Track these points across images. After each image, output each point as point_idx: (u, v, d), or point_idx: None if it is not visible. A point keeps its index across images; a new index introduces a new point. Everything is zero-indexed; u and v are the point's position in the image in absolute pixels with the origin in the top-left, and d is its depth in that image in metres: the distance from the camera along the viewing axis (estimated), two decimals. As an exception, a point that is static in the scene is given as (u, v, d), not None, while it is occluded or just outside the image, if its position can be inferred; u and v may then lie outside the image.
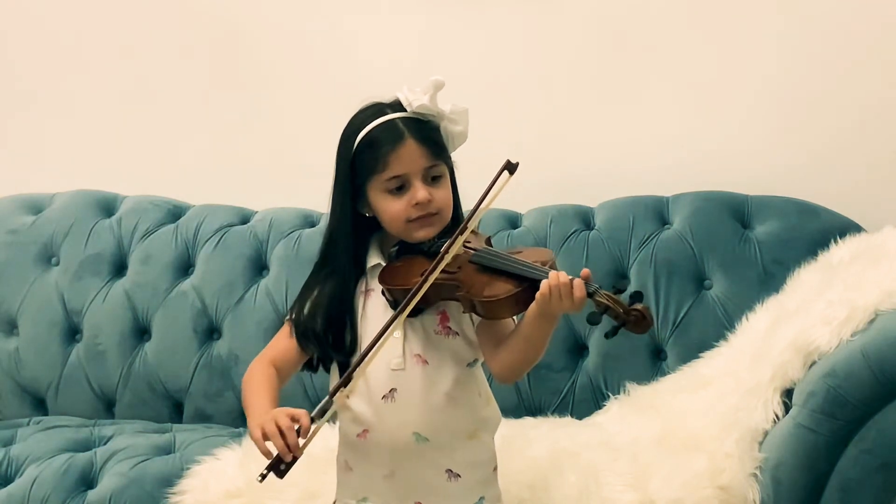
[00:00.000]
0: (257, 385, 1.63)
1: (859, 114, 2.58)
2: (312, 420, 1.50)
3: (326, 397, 1.54)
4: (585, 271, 1.49)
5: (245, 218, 2.67)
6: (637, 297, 1.46)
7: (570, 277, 1.47)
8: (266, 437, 1.48)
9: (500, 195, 1.58)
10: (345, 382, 1.55)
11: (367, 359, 1.55)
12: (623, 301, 1.46)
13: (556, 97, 2.69)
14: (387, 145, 1.60)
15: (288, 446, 1.47)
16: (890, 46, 2.55)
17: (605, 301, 1.46)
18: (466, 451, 1.66)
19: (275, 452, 1.48)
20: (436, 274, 1.55)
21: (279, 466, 1.49)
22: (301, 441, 1.48)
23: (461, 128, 1.65)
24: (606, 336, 1.48)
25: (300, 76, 2.77)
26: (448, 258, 1.56)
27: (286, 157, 2.74)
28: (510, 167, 1.58)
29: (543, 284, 1.47)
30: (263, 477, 1.49)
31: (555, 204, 2.60)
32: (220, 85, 2.80)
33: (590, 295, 1.47)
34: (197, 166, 2.81)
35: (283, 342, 1.69)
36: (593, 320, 1.47)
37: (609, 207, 2.57)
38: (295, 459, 1.49)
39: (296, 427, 1.48)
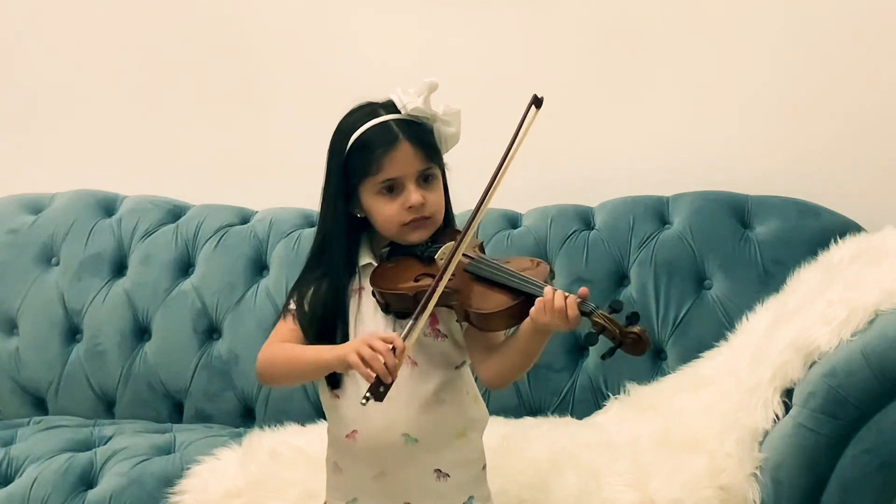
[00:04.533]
0: (289, 346, 1.62)
1: (859, 114, 2.58)
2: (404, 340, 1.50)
3: (410, 320, 1.52)
4: (583, 290, 1.48)
5: (245, 218, 2.67)
6: (634, 318, 1.45)
7: (566, 295, 1.46)
8: (365, 362, 1.47)
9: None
10: (422, 309, 1.53)
11: (428, 302, 1.52)
12: (620, 322, 1.45)
13: (556, 97, 2.66)
14: (381, 147, 1.59)
15: (388, 367, 1.46)
16: (890, 46, 2.55)
17: (602, 322, 1.45)
18: (455, 450, 1.66)
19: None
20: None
21: (379, 389, 1.47)
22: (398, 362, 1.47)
23: (454, 129, 1.65)
24: (603, 357, 1.48)
25: (300, 76, 2.77)
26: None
27: (286, 157, 2.73)
28: (537, 101, 1.58)
29: (538, 304, 1.47)
30: (367, 400, 1.47)
31: (555, 204, 2.60)
32: (220, 85, 2.80)
33: (587, 315, 1.46)
34: (197, 166, 2.81)
35: (285, 332, 1.66)
36: (590, 341, 1.46)
37: (609, 207, 2.57)
38: (392, 381, 1.47)
39: (391, 348, 1.47)
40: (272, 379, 1.70)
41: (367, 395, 1.47)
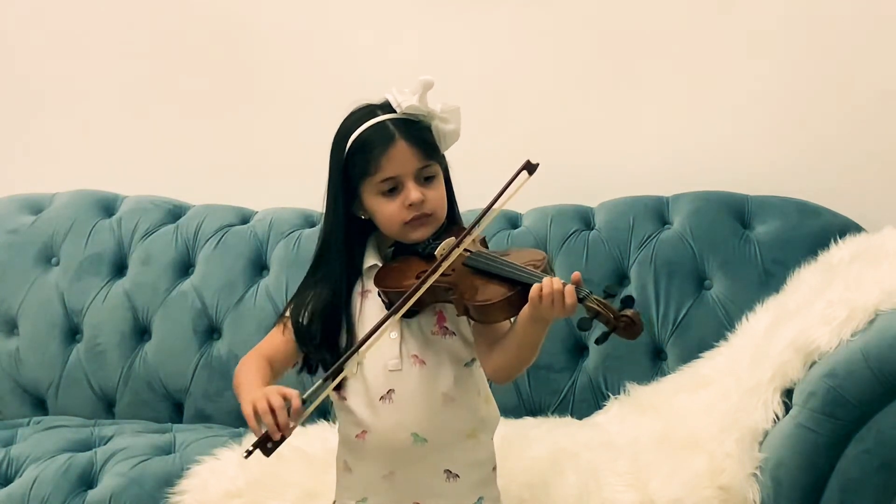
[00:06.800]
0: (250, 372, 1.64)
1: (859, 113, 2.58)
2: (304, 402, 1.50)
3: (320, 381, 1.54)
4: (576, 275, 1.48)
5: (245, 218, 2.67)
6: (627, 301, 1.45)
7: (563, 283, 1.46)
8: (257, 415, 1.48)
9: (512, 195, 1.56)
10: (335, 373, 1.55)
11: (359, 349, 1.54)
12: (613, 306, 1.45)
13: (556, 97, 2.69)
14: (378, 147, 1.59)
15: (277, 425, 1.47)
16: (889, 45, 2.55)
17: (596, 306, 1.45)
18: (465, 451, 1.66)
19: (264, 430, 1.48)
20: (434, 278, 1.54)
21: (266, 444, 1.49)
22: (291, 422, 1.48)
23: (453, 126, 1.65)
24: (597, 342, 1.48)
25: (300, 76, 2.77)
26: (448, 263, 1.55)
27: (286, 157, 2.73)
28: (529, 167, 1.56)
29: (534, 290, 1.46)
30: (249, 453, 1.50)
31: (555, 204, 2.60)
32: (221, 85, 2.80)
33: (580, 300, 1.46)
34: (197, 166, 2.80)
35: (278, 339, 1.68)
36: (584, 326, 1.46)
37: (609, 207, 2.57)
38: (283, 439, 1.49)
39: (287, 407, 1.48)
40: None
41: (251, 448, 1.49)
